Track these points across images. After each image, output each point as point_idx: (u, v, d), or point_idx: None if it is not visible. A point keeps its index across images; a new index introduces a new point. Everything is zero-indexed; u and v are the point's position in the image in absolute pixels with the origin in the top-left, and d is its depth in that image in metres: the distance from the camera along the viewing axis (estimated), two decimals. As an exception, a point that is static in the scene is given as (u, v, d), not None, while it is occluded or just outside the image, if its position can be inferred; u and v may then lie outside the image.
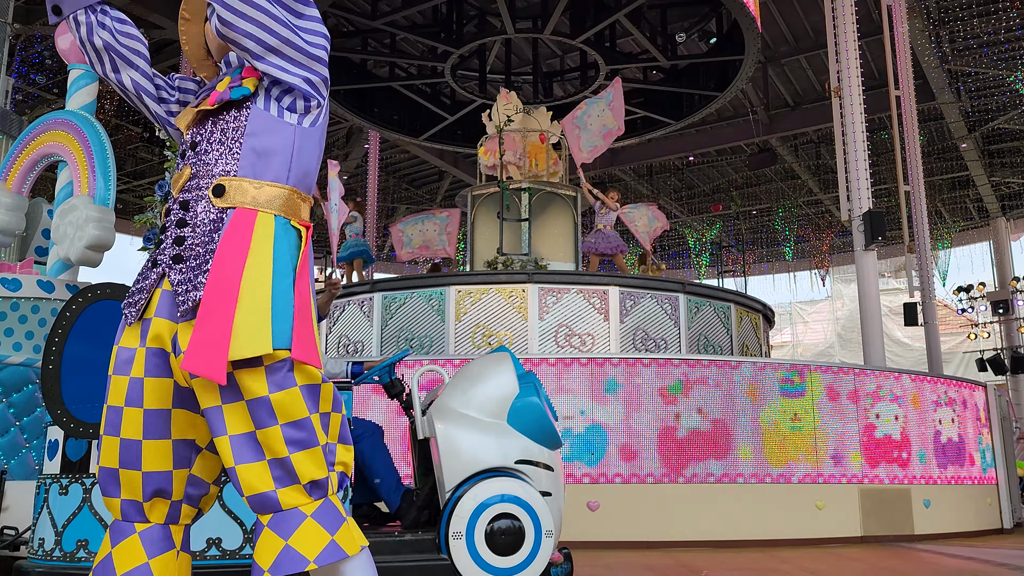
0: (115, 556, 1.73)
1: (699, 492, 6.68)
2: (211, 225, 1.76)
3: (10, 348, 4.67)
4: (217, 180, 1.77)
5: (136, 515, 1.77)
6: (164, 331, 1.77)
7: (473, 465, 3.24)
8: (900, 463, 7.49)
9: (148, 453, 1.75)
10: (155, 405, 1.75)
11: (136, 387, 1.76)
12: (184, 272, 1.74)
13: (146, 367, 1.76)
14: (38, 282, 4.84)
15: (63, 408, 2.86)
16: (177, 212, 1.81)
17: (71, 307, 2.90)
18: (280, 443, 1.65)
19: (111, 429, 1.77)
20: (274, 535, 1.64)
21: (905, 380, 7.94)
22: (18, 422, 4.47)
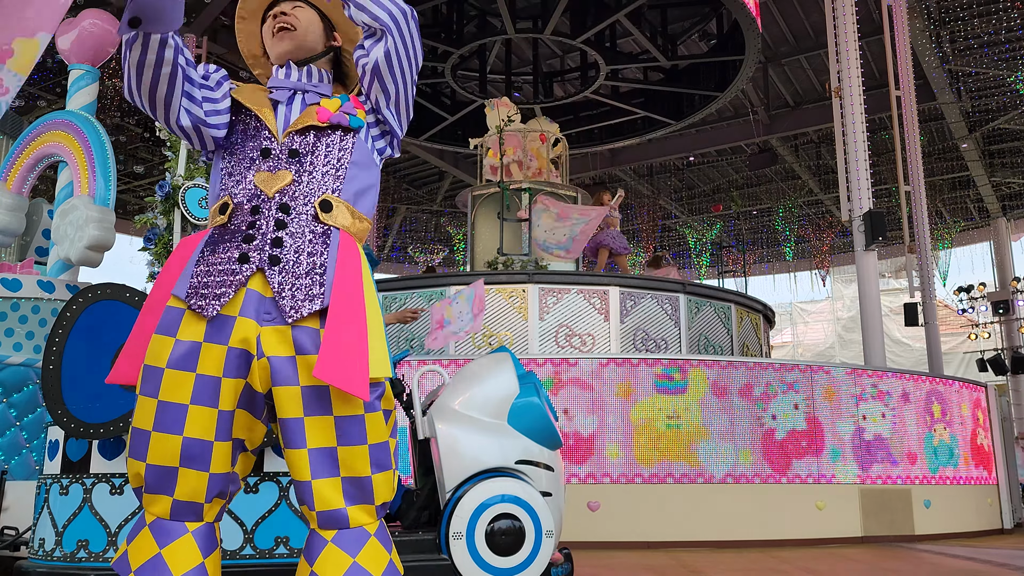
0: (168, 557, 1.65)
1: (700, 492, 6.67)
2: (316, 237, 1.76)
3: (10, 348, 4.67)
4: (324, 196, 1.79)
5: (190, 515, 1.69)
6: (250, 332, 1.70)
7: (473, 465, 3.24)
8: (893, 463, 7.50)
9: (218, 454, 1.68)
10: (228, 407, 1.69)
11: (209, 386, 1.67)
12: (286, 276, 1.72)
13: (226, 367, 1.68)
14: (38, 282, 4.84)
15: (63, 408, 2.86)
16: (275, 213, 1.77)
17: (71, 307, 2.90)
18: (365, 463, 1.68)
19: (170, 426, 1.66)
20: (340, 551, 1.66)
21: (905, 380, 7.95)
22: (19, 422, 4.47)
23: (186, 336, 1.70)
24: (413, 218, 23.10)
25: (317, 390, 1.66)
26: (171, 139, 4.24)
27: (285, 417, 1.67)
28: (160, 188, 4.09)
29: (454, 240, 22.16)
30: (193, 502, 1.68)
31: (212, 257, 1.76)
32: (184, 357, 1.68)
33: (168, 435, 1.66)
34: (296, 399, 1.66)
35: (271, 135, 1.86)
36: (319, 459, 1.66)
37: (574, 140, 14.93)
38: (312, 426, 1.66)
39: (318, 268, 1.73)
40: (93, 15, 5.71)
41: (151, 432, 1.66)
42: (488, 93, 14.23)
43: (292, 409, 1.67)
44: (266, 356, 1.68)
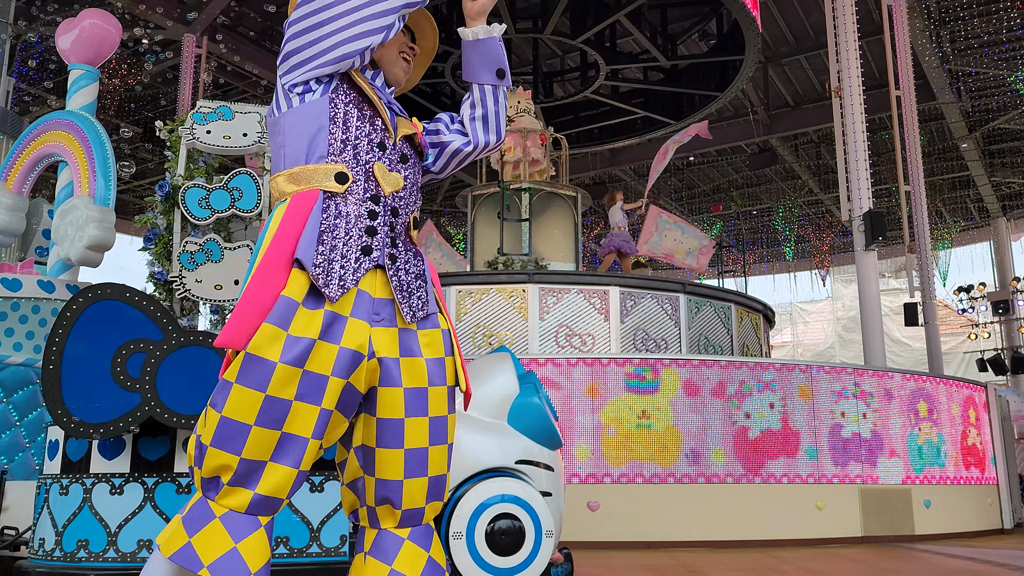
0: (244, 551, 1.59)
1: (700, 492, 6.67)
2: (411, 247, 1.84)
3: (10, 348, 4.67)
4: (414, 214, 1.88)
5: (265, 510, 1.64)
6: (363, 334, 1.70)
7: (473, 465, 3.24)
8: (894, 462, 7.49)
9: (310, 453, 1.66)
10: (330, 405, 1.66)
11: (316, 383, 1.63)
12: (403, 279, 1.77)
13: (336, 367, 1.65)
14: (38, 282, 4.84)
15: (63, 408, 2.86)
16: (389, 216, 1.79)
17: (71, 307, 2.90)
18: (445, 462, 1.77)
19: (273, 422, 1.61)
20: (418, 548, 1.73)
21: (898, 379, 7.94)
22: (19, 422, 4.47)
23: (298, 331, 1.64)
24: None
25: (417, 392, 1.72)
26: (171, 139, 4.24)
27: (386, 417, 1.71)
28: (160, 188, 4.09)
29: (454, 240, 22.17)
30: (274, 497, 1.64)
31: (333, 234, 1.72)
32: (296, 353, 1.63)
33: (269, 430, 1.62)
34: (400, 400, 1.71)
35: (387, 130, 1.86)
36: (414, 459, 1.72)
37: (574, 140, 14.93)
38: (411, 427, 1.72)
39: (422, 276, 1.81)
40: (93, 15, 5.71)
41: (252, 426, 1.61)
42: (488, 93, 14.18)
43: (395, 410, 1.71)
44: (377, 357, 1.71)
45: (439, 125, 2.00)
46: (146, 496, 2.97)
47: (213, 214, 4.01)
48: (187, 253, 3.98)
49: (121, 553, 2.91)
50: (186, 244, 3.99)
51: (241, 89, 16.12)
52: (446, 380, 1.78)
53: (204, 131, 4.13)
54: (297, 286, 1.66)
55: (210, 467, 1.63)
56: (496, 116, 1.98)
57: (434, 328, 1.80)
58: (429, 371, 1.76)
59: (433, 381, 1.75)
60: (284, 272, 1.67)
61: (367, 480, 1.75)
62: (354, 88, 1.86)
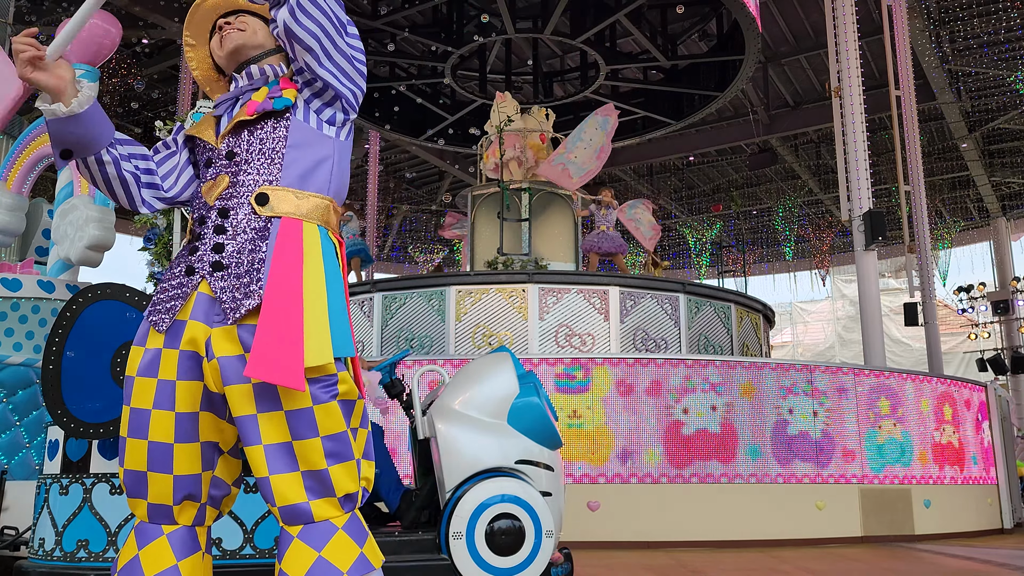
0: (143, 559, 1.71)
1: (699, 492, 6.67)
2: (255, 233, 1.75)
3: (10, 348, 4.67)
4: (260, 189, 1.78)
5: (164, 518, 1.74)
6: (199, 335, 1.74)
7: (473, 465, 3.24)
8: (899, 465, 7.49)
9: (179, 456, 1.73)
10: (186, 408, 1.73)
11: (166, 390, 1.73)
12: (227, 279, 1.73)
13: (179, 370, 1.73)
14: (38, 282, 4.84)
15: (63, 408, 2.86)
16: (215, 220, 1.79)
17: (71, 307, 2.90)
18: (319, 455, 1.66)
19: (138, 432, 1.73)
20: (306, 547, 1.65)
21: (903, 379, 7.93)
22: (19, 422, 4.47)
23: (151, 344, 1.78)
24: (413, 218, 23.11)
25: (266, 386, 1.65)
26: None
27: (239, 415, 1.69)
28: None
29: (454, 240, 22.16)
30: (163, 504, 1.74)
31: (169, 274, 1.84)
32: (148, 364, 1.76)
33: (137, 440, 1.74)
34: (248, 396, 1.67)
35: (211, 145, 1.88)
36: (275, 455, 1.66)
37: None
38: (266, 422, 1.66)
39: (256, 264, 1.73)
40: (93, 15, 5.71)
41: (126, 438, 1.76)
42: (488, 93, 14.23)
43: (245, 407, 1.67)
44: (216, 357, 1.70)
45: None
46: (146, 496, 2.97)
47: (213, 214, 4.00)
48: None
49: (121, 553, 2.91)
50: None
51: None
52: None
53: (204, 131, 4.12)
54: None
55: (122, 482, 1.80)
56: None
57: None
58: None
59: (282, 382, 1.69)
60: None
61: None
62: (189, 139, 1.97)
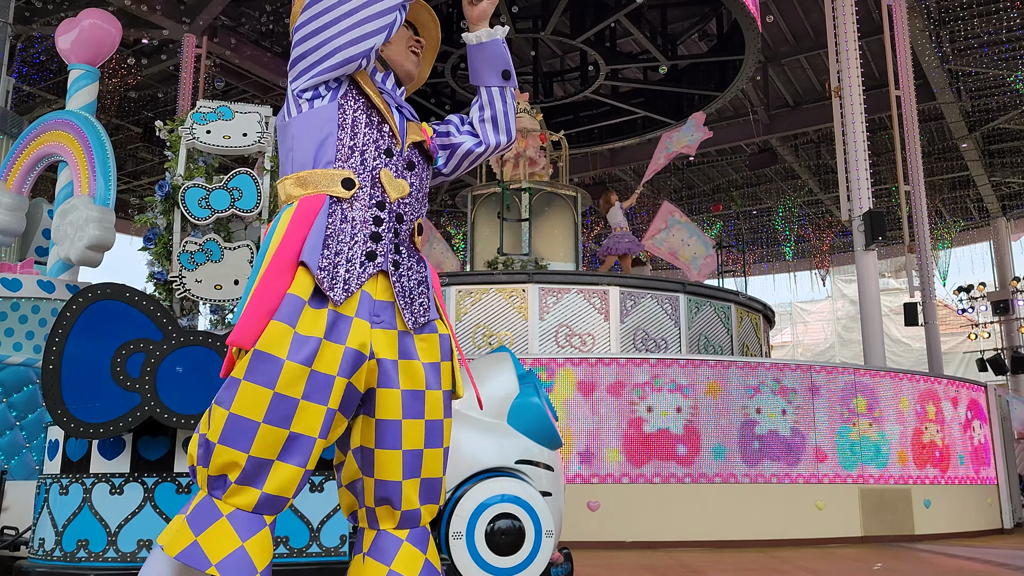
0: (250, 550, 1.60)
1: (699, 492, 6.67)
2: (416, 256, 1.86)
3: (10, 348, 4.67)
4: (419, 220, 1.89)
5: (270, 509, 1.65)
6: (366, 335, 1.72)
7: (473, 465, 3.24)
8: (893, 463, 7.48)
9: (316, 451, 1.67)
10: (335, 405, 1.68)
11: (322, 383, 1.65)
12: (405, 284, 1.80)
13: (341, 366, 1.67)
14: (38, 282, 4.84)
15: (63, 408, 2.86)
16: (394, 221, 1.82)
17: (71, 307, 2.90)
18: (440, 465, 1.79)
19: (281, 420, 1.62)
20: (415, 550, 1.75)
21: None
22: (18, 422, 4.47)
23: (305, 330, 1.66)
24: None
25: (414, 394, 1.75)
26: (171, 139, 4.24)
27: (384, 418, 1.74)
28: (160, 188, 4.09)
29: (454, 240, 22.17)
30: (281, 496, 1.65)
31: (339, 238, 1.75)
32: (303, 351, 1.65)
33: (277, 428, 1.62)
34: (397, 402, 1.74)
35: (394, 137, 1.88)
36: (410, 461, 1.74)
37: (574, 140, 14.93)
38: (408, 429, 1.74)
39: (424, 283, 1.84)
40: (93, 15, 5.71)
41: (260, 423, 1.62)
42: (488, 93, 14.20)
43: (392, 411, 1.74)
44: (376, 358, 1.74)
45: (449, 127, 2.04)
46: (146, 496, 2.97)
47: (213, 214, 4.01)
48: (187, 253, 3.98)
49: (121, 553, 2.91)
50: (186, 244, 3.99)
51: (241, 89, 16.12)
52: (442, 385, 1.81)
53: (204, 131, 4.13)
54: (303, 285, 1.69)
55: (217, 464, 1.63)
56: (505, 116, 2.02)
57: (432, 333, 1.83)
58: (426, 375, 1.79)
59: (430, 385, 1.78)
60: (290, 274, 1.69)
61: (366, 481, 1.77)
62: (363, 94, 1.88)
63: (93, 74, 5.73)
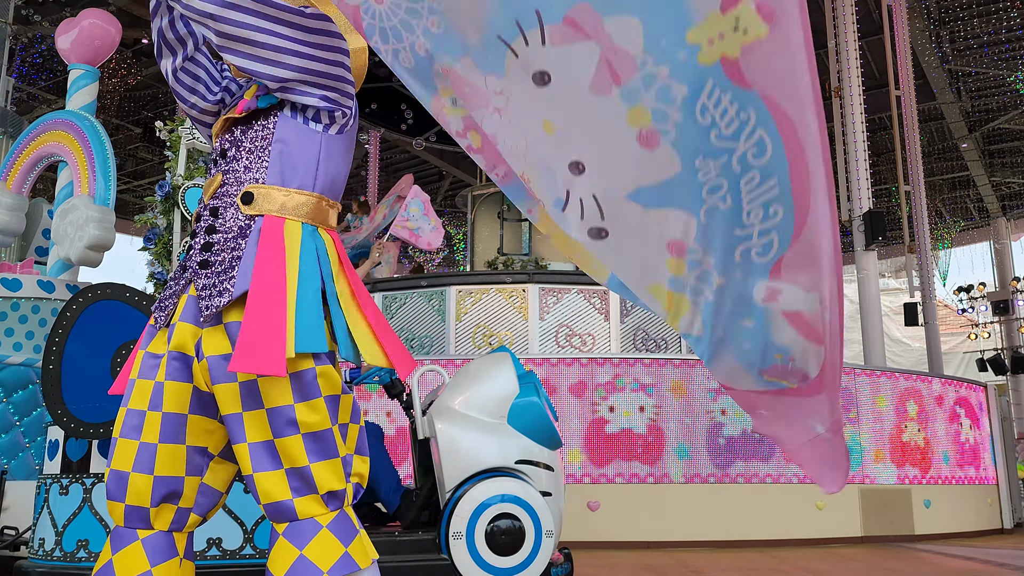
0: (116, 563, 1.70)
1: (699, 492, 6.67)
2: (238, 231, 1.77)
3: (10, 348, 4.67)
4: (246, 187, 1.79)
5: (139, 522, 1.72)
6: (188, 336, 1.75)
7: (473, 465, 3.24)
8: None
9: (162, 457, 1.72)
10: (173, 409, 1.73)
11: (158, 391, 1.74)
12: (209, 277, 1.75)
13: (167, 371, 1.74)
14: (38, 282, 4.84)
15: (63, 408, 2.86)
16: (207, 219, 1.81)
17: (71, 307, 2.90)
18: (301, 453, 1.66)
19: (131, 432, 1.73)
20: (289, 544, 1.65)
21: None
22: (18, 422, 4.47)
23: (153, 348, 1.79)
24: (413, 218, 23.08)
25: (251, 384, 1.67)
26: (171, 139, 4.24)
27: (226, 414, 1.70)
28: (160, 188, 4.09)
29: (454, 240, 22.16)
30: (139, 506, 1.71)
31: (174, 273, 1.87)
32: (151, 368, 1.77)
33: (129, 440, 1.73)
34: (234, 395, 1.68)
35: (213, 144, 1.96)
36: (259, 453, 1.67)
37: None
38: (250, 420, 1.67)
39: (234, 262, 1.74)
40: (93, 15, 5.71)
41: (117, 439, 1.74)
42: (488, 93, 14.21)
43: (231, 405, 1.69)
44: (205, 356, 1.72)
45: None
46: (146, 496, 2.97)
47: (213, 214, 3.99)
48: (187, 253, 3.98)
49: (121, 553, 2.91)
50: (186, 244, 3.99)
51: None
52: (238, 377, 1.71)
53: (204, 131, 4.12)
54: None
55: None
56: None
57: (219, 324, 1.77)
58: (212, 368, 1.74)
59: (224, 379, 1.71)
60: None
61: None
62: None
63: (93, 74, 5.73)
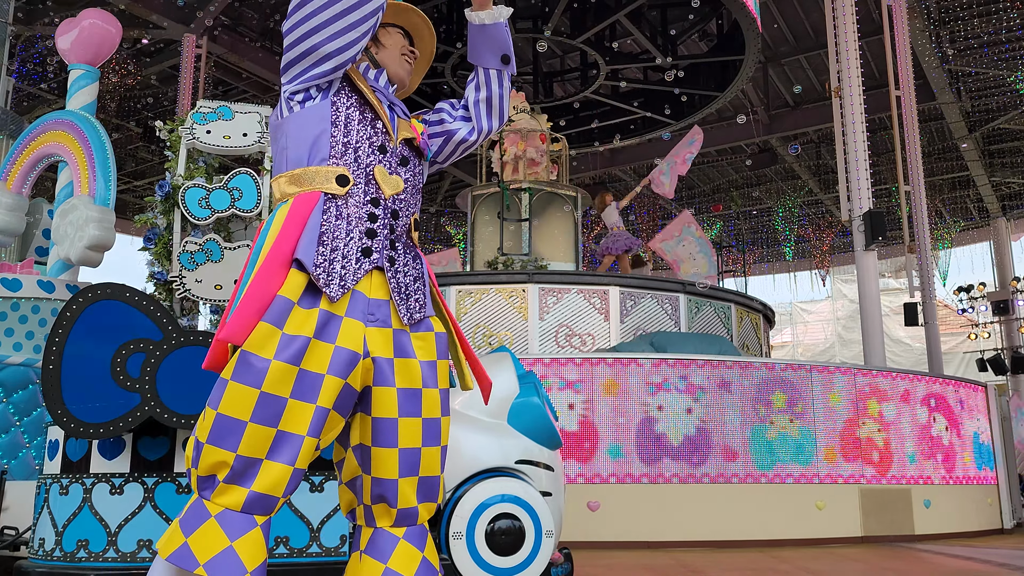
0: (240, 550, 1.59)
1: (699, 492, 6.67)
2: (412, 252, 1.87)
3: (10, 348, 4.68)
4: (415, 216, 1.91)
5: (260, 508, 1.64)
6: (358, 334, 1.72)
7: (473, 465, 3.24)
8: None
9: (305, 451, 1.66)
10: (326, 404, 1.67)
11: (311, 381, 1.65)
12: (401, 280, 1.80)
13: (331, 365, 1.67)
14: (38, 282, 4.84)
15: (63, 408, 2.86)
16: (389, 217, 1.83)
17: (71, 307, 2.90)
18: (438, 463, 1.79)
19: (269, 419, 1.62)
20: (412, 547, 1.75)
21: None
22: (18, 422, 4.47)
23: (293, 330, 1.66)
24: (413, 218, 23.10)
25: (410, 392, 1.75)
26: (171, 139, 4.24)
27: (380, 416, 1.74)
28: (160, 188, 4.08)
29: (454, 240, 22.16)
30: (271, 496, 1.64)
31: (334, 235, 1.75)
32: (291, 352, 1.65)
33: (264, 427, 1.62)
34: (393, 400, 1.74)
35: (387, 133, 1.89)
36: (406, 459, 1.74)
37: (574, 140, 14.92)
38: (404, 427, 1.74)
39: (420, 279, 1.84)
40: (93, 15, 5.71)
41: (247, 423, 1.62)
42: (488, 93, 14.21)
43: (388, 409, 1.74)
44: (371, 356, 1.74)
45: (442, 115, 2.04)
46: (146, 496, 2.97)
47: (213, 214, 4.01)
48: (187, 253, 3.98)
49: (121, 553, 2.91)
50: (186, 244, 3.99)
51: (240, 89, 16.12)
52: (438, 383, 1.80)
53: (204, 131, 4.12)
54: (294, 285, 1.69)
55: (206, 464, 1.64)
56: (500, 99, 2.01)
57: (428, 331, 1.83)
58: (423, 373, 1.79)
59: (427, 383, 1.78)
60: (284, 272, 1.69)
61: (364, 479, 1.78)
62: (356, 91, 1.90)
63: (93, 74, 5.73)
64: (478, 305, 8.59)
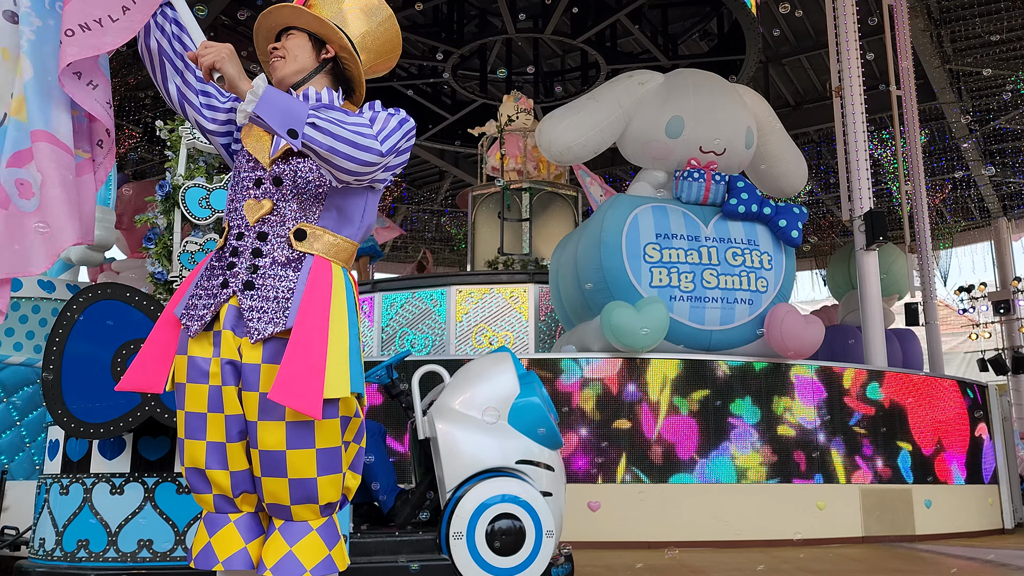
0: (215, 544, 1.89)
1: (699, 492, 6.67)
2: (288, 265, 1.89)
3: (11, 348, 4.68)
4: (299, 224, 1.90)
5: (229, 507, 1.91)
6: (233, 344, 1.89)
7: (474, 465, 3.24)
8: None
9: (232, 454, 1.89)
10: (233, 411, 1.89)
11: (216, 395, 1.89)
12: (255, 300, 1.87)
13: (223, 377, 1.89)
14: (38, 282, 4.84)
15: (64, 408, 2.86)
16: (253, 242, 1.90)
17: (72, 307, 2.90)
18: (312, 466, 1.83)
19: (195, 433, 1.89)
20: (282, 540, 1.85)
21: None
22: (19, 422, 4.47)
23: (198, 353, 1.91)
24: (413, 217, 23.09)
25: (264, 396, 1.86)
26: (171, 139, 4.24)
27: (250, 419, 1.86)
28: (160, 188, 4.09)
29: (454, 240, 22.16)
30: (225, 496, 1.91)
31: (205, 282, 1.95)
32: (202, 373, 1.90)
33: (195, 441, 1.90)
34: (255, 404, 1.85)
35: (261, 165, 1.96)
36: (268, 460, 1.83)
37: (574, 140, 14.87)
38: (265, 430, 1.83)
39: (286, 293, 1.86)
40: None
41: (184, 439, 1.91)
42: (488, 93, 14.23)
43: (252, 413, 1.85)
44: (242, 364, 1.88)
45: None
46: (146, 496, 2.98)
47: (213, 214, 4.01)
48: (187, 253, 3.98)
49: (121, 553, 2.91)
50: (186, 244, 4.00)
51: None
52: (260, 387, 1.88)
53: (204, 131, 4.12)
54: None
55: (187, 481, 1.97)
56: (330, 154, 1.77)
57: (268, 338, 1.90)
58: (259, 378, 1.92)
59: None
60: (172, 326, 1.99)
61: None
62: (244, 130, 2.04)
63: (93, 74, 5.72)
64: (478, 305, 8.59)
